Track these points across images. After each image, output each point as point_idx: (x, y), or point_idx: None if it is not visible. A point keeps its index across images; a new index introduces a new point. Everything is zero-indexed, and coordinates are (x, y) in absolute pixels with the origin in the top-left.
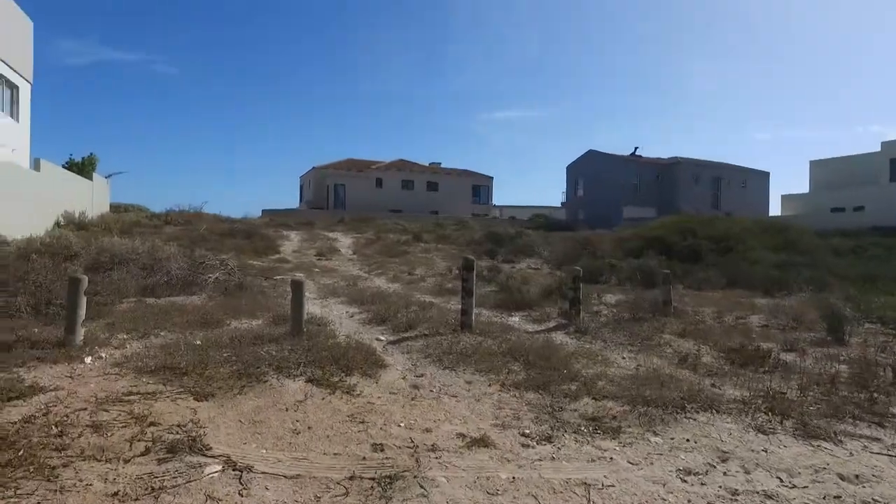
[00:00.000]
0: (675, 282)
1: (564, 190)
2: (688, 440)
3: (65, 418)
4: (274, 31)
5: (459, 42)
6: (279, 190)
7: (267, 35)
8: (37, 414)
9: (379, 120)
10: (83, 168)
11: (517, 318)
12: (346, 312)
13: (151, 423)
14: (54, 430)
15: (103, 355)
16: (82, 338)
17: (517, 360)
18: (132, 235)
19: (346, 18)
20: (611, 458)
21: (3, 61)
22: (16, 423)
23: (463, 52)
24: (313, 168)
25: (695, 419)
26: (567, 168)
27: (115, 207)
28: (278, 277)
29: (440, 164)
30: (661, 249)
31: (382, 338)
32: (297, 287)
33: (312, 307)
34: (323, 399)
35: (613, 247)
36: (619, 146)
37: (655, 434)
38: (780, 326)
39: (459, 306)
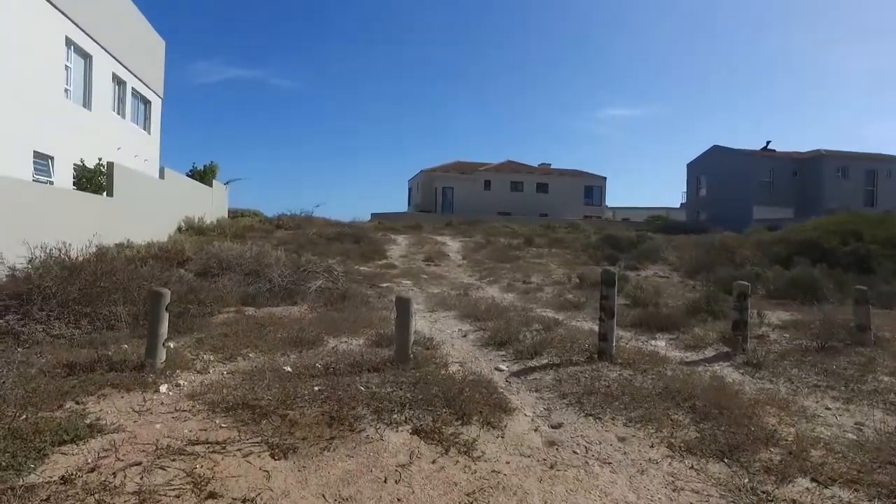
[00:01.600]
0: (848, 296)
1: (684, 189)
2: None
3: (111, 477)
4: (382, 38)
5: (566, 38)
6: (388, 193)
7: (374, 42)
8: (83, 469)
9: (486, 121)
10: (204, 175)
11: (663, 343)
12: (459, 330)
13: (211, 495)
14: (91, 501)
15: (181, 383)
16: (164, 360)
17: (680, 405)
18: (244, 240)
19: (450, 21)
20: None
21: (139, 79)
22: (53, 482)
23: (570, 49)
24: (421, 171)
25: None
26: (688, 166)
27: (232, 212)
28: (384, 285)
29: (549, 164)
30: (817, 256)
31: (504, 367)
32: (404, 305)
33: (420, 322)
34: (433, 463)
35: (754, 252)
36: (745, 142)
37: None
38: None
39: (591, 325)
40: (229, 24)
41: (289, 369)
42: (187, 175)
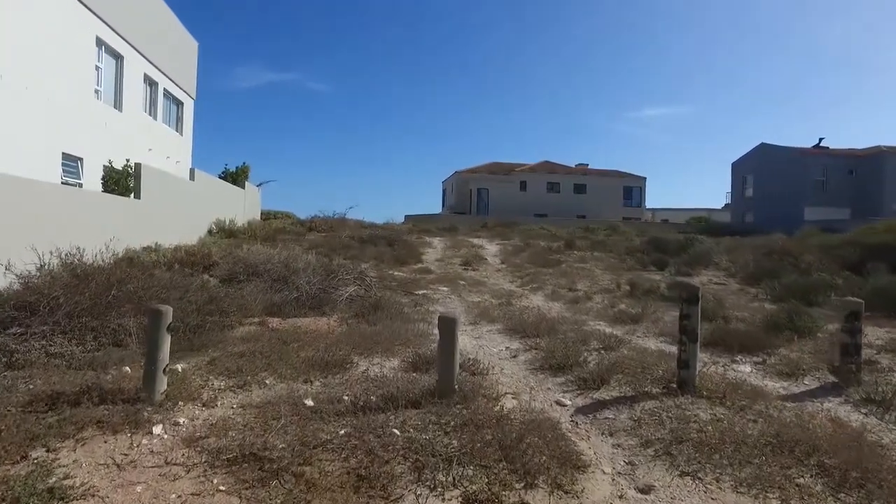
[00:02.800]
0: None
1: (729, 190)
2: None
3: None
4: (416, 40)
5: (602, 37)
6: (422, 195)
7: (408, 43)
8: None
9: (523, 122)
10: (236, 177)
11: (748, 368)
12: (506, 349)
13: None
14: None
15: (181, 420)
16: (164, 390)
17: (803, 463)
18: (275, 242)
19: (484, 22)
20: None
21: (171, 80)
22: None
23: (607, 48)
24: (455, 172)
25: None
26: (732, 165)
27: (265, 214)
28: (420, 292)
29: (587, 164)
30: (895, 261)
31: (566, 401)
32: (448, 327)
33: (462, 338)
34: None
35: (818, 256)
36: (793, 140)
37: None
38: None
39: (656, 344)
40: (265, 29)
41: (310, 403)
42: (219, 177)
